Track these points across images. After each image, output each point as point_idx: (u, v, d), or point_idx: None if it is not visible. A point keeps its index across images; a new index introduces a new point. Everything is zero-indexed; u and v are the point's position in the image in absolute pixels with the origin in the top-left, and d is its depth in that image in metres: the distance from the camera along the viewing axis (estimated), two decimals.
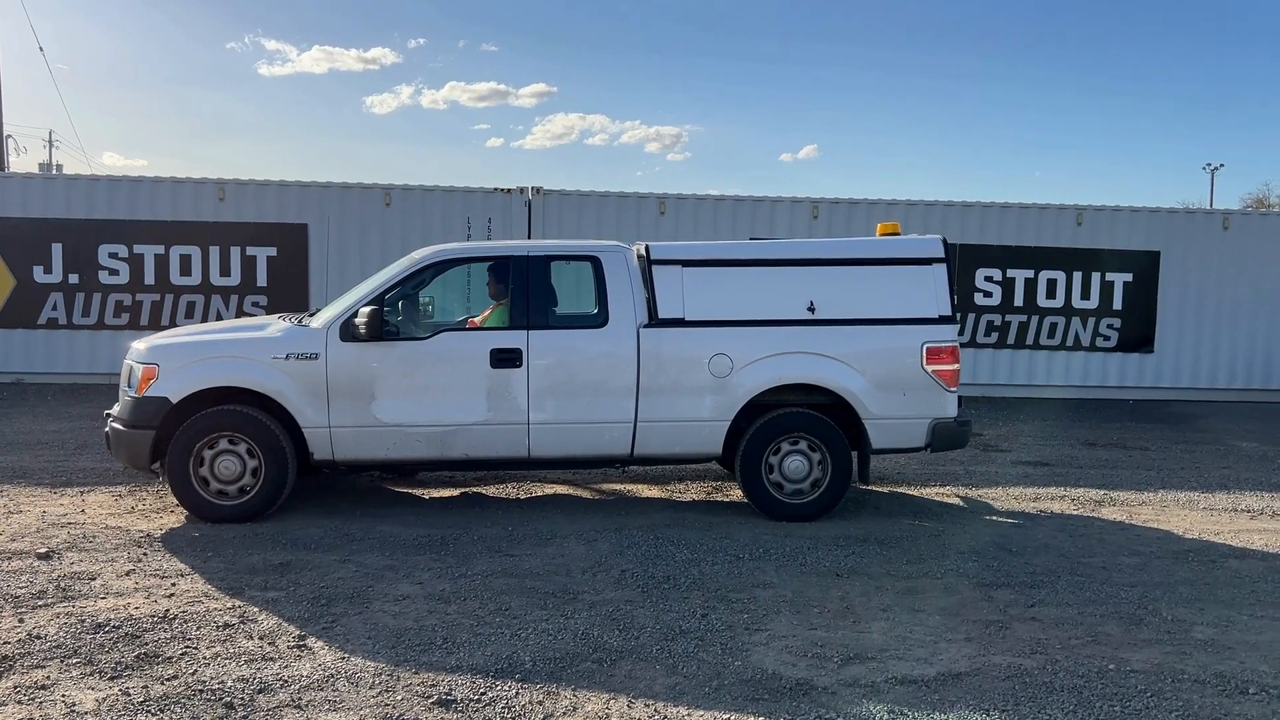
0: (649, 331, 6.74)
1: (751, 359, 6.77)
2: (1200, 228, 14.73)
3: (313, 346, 6.54)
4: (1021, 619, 4.99)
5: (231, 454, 6.49)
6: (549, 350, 6.68)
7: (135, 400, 6.50)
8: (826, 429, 6.84)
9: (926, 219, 14.36)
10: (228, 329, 7.19)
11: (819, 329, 6.82)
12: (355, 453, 6.63)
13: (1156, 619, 5.02)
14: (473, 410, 6.63)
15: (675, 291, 6.81)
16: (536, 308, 6.75)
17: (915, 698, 4.03)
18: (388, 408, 6.57)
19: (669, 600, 5.14)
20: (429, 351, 6.67)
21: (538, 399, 6.65)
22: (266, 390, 6.47)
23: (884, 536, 6.46)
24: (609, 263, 6.86)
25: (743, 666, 4.31)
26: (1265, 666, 4.42)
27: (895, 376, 6.84)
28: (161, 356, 6.56)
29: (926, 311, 6.90)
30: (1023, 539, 6.49)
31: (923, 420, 6.90)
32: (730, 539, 6.32)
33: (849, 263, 7.02)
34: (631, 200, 14.11)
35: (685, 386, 6.76)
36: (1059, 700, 4.02)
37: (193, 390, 6.45)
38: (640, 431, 6.76)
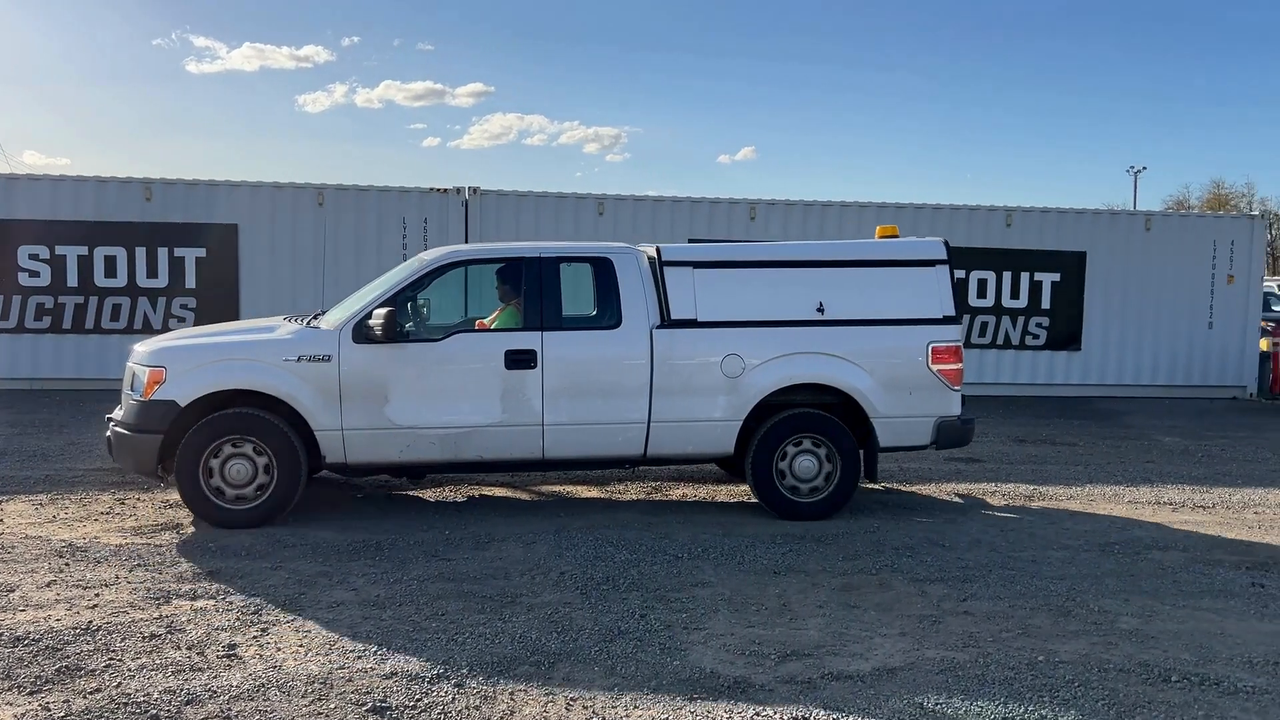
0: (662, 332, 6.77)
1: (763, 359, 6.83)
2: (1124, 229, 15.15)
3: (325, 348, 6.45)
4: (954, 613, 5.07)
5: (242, 458, 6.36)
6: (563, 351, 6.67)
7: (141, 404, 6.35)
8: (836, 428, 6.91)
9: (860, 220, 14.55)
10: (234, 331, 7.07)
11: (828, 329, 6.91)
12: (368, 455, 6.56)
13: (1084, 610, 5.14)
14: (487, 412, 6.59)
15: (687, 293, 6.85)
16: (550, 309, 6.73)
17: (851, 693, 4.07)
18: (401, 409, 6.51)
19: (608, 601, 5.13)
20: (443, 353, 6.62)
21: (552, 400, 6.63)
22: (278, 393, 6.36)
23: (821, 534, 6.52)
24: (621, 264, 6.87)
25: (681, 666, 4.32)
26: (1187, 655, 4.55)
27: (902, 376, 6.94)
28: (169, 359, 6.42)
29: (931, 312, 7.03)
30: (955, 534, 6.60)
31: (928, 419, 7.00)
32: (669, 539, 6.32)
33: (856, 264, 7.13)
34: (570, 201, 14.08)
35: (698, 387, 6.80)
36: (990, 692, 4.09)
37: (202, 393, 6.32)
38: (654, 432, 6.78)
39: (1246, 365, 15.05)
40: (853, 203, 14.70)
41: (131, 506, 6.98)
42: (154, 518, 6.68)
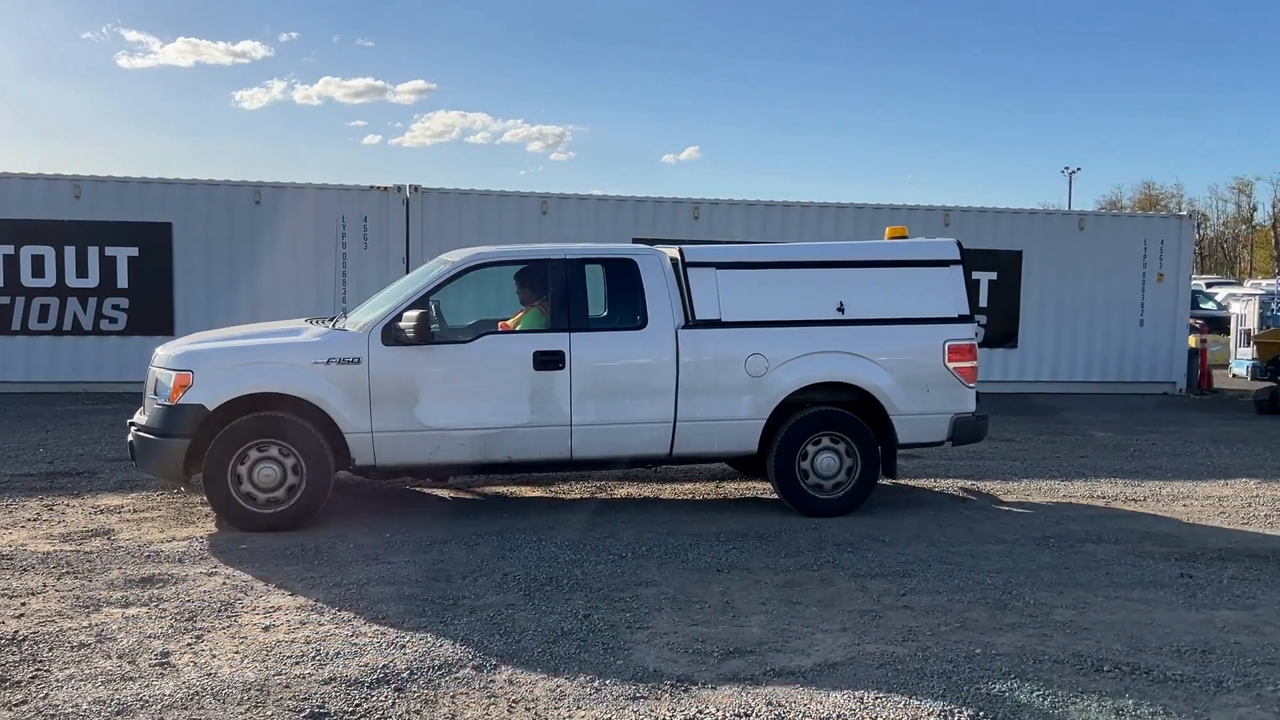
0: (687, 333, 6.83)
1: (786, 358, 6.90)
2: (1058, 228, 15.49)
3: (354, 351, 6.42)
4: (894, 607, 5.13)
5: (271, 461, 6.31)
6: (591, 352, 6.70)
7: (168, 408, 6.27)
8: (856, 426, 7.00)
9: (802, 219, 14.70)
10: (259, 334, 6.99)
11: (849, 328, 7.01)
12: (398, 457, 6.54)
13: (1020, 603, 5.23)
14: (516, 413, 6.60)
15: (711, 293, 6.90)
16: (577, 310, 6.77)
17: (793, 689, 4.09)
18: (430, 411, 6.50)
19: (551, 602, 5.10)
20: (472, 354, 6.63)
21: (580, 400, 6.66)
22: (308, 396, 6.32)
23: (764, 531, 6.56)
24: (645, 266, 6.92)
25: (624, 666, 4.31)
26: (1119, 645, 4.65)
27: (919, 374, 7.06)
28: (196, 363, 6.35)
29: (947, 311, 7.17)
30: (895, 529, 6.68)
31: (944, 415, 7.14)
32: (614, 538, 6.31)
33: (874, 265, 7.26)
34: (513, 199, 14.01)
35: (723, 386, 6.85)
36: (929, 685, 4.14)
37: (231, 397, 6.26)
38: (679, 431, 6.83)
39: (1176, 362, 15.47)
40: (795, 203, 14.83)
41: (60, 513, 6.79)
42: (84, 524, 6.51)
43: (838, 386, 7.00)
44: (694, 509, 7.21)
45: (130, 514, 6.79)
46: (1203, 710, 3.96)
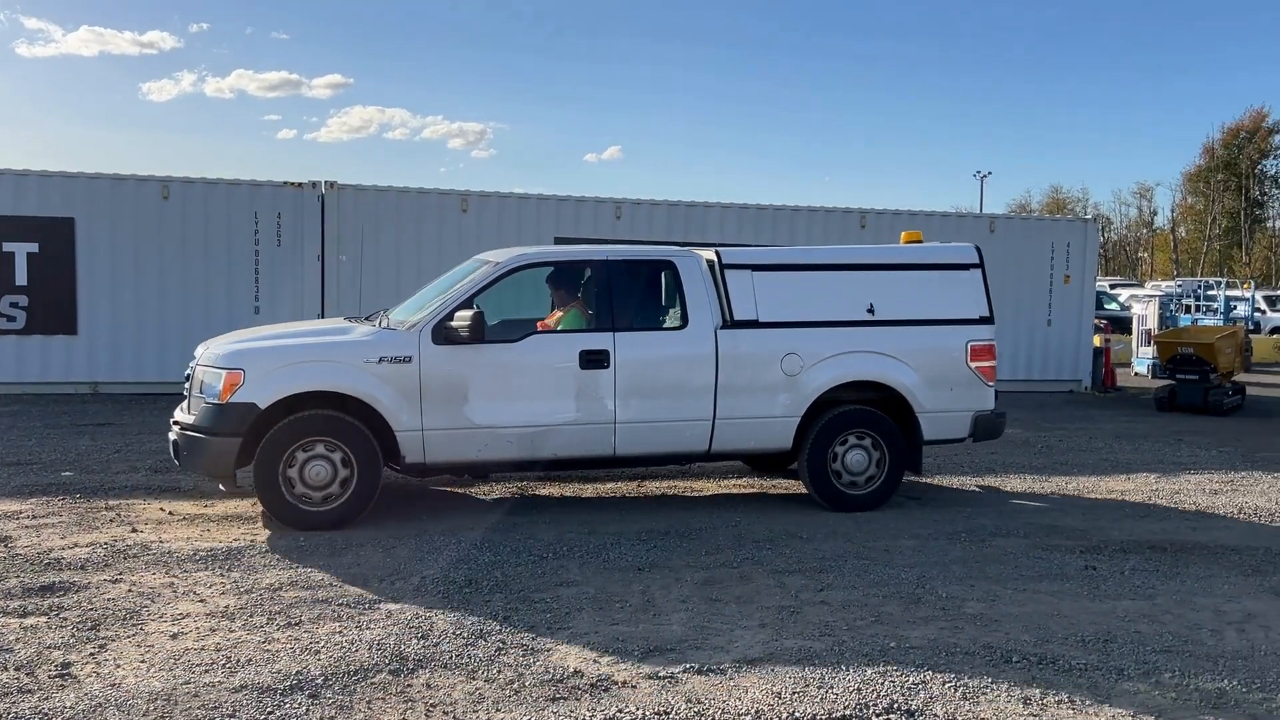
0: (726, 333, 7.00)
1: (820, 358, 7.11)
2: (970, 230, 15.85)
3: (405, 349, 6.48)
4: (812, 603, 5.21)
5: (322, 459, 6.34)
6: (634, 351, 6.83)
7: (219, 407, 6.27)
8: (885, 423, 7.24)
9: (723, 220, 14.81)
10: (307, 333, 7.02)
11: (878, 329, 7.25)
12: (447, 455, 6.62)
13: (933, 597, 5.35)
14: (562, 411, 6.72)
15: (747, 294, 7.08)
16: (620, 310, 6.91)
17: (712, 686, 4.12)
18: (479, 409, 6.59)
19: (470, 604, 5.06)
20: (520, 353, 6.72)
21: (624, 399, 6.78)
22: (359, 394, 6.37)
23: (684, 529, 6.60)
24: (684, 267, 7.09)
25: (544, 667, 4.29)
26: (1027, 636, 4.79)
27: (943, 373, 7.32)
28: (247, 362, 6.34)
29: (968, 313, 7.46)
30: (814, 526, 6.77)
31: (966, 413, 7.42)
32: (534, 539, 6.28)
33: (900, 267, 7.52)
34: (432, 197, 13.84)
35: (760, 385, 7.03)
36: (844, 679, 4.21)
37: (283, 395, 6.28)
38: (718, 429, 6.99)
39: (1082, 361, 16.00)
40: (715, 203, 14.94)
41: None
42: None
43: (865, 385, 7.24)
44: (616, 508, 7.21)
45: (29, 520, 6.52)
46: (1105, 698, 4.10)
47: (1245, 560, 6.18)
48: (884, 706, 3.95)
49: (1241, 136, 62.34)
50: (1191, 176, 65.52)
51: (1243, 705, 4.06)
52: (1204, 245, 62.91)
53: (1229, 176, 62.23)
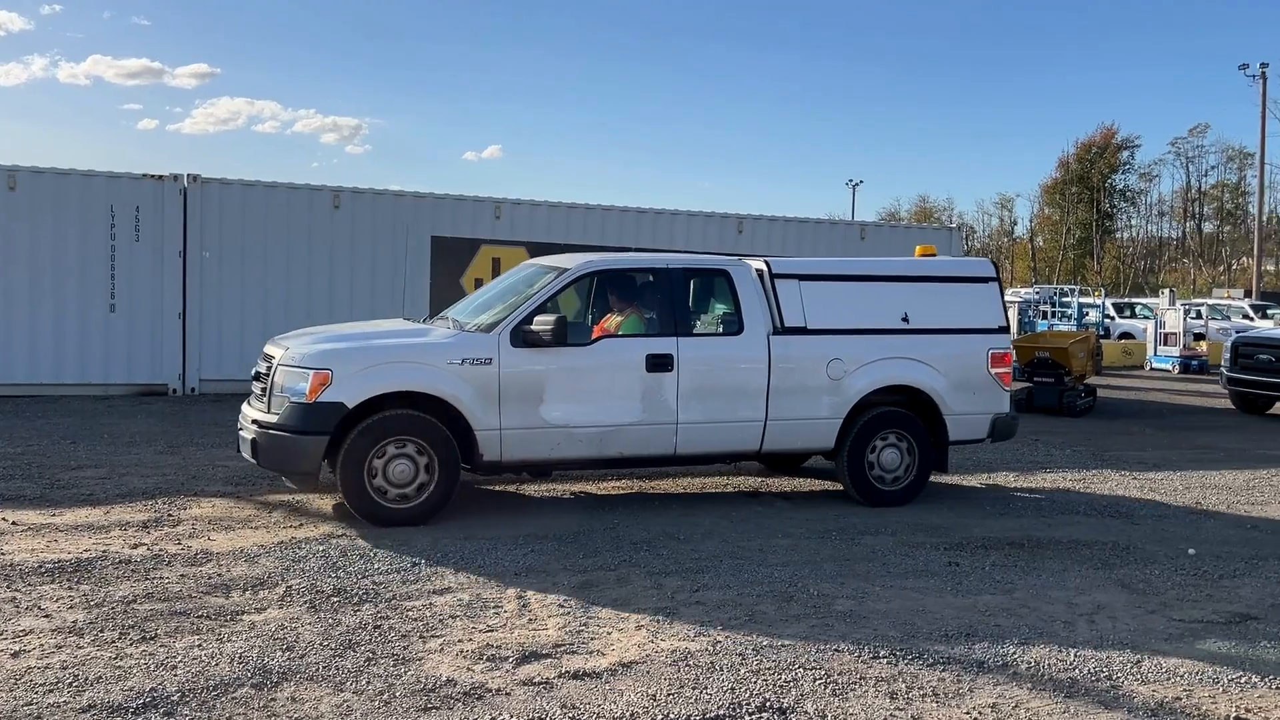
0: (777, 339, 7.39)
1: (861, 363, 7.55)
2: (842, 237, 16.33)
3: (486, 351, 6.69)
4: (688, 604, 5.24)
5: (405, 458, 6.50)
6: (696, 355, 7.17)
7: (307, 406, 6.37)
8: (916, 424, 7.72)
9: (604, 222, 14.83)
10: (384, 334, 7.15)
11: (911, 337, 7.72)
12: (522, 453, 6.85)
13: (805, 595, 5.45)
14: (629, 411, 7.01)
15: (796, 302, 7.48)
16: (682, 316, 7.26)
17: (588, 691, 4.10)
18: (553, 409, 6.83)
19: (339, 614, 4.90)
20: (591, 356, 7.01)
21: (685, 400, 7.10)
22: (443, 394, 6.55)
23: (563, 533, 6.55)
24: (738, 276, 7.46)
25: (415, 676, 4.19)
26: (894, 632, 4.92)
27: (967, 378, 7.83)
28: (335, 362, 6.47)
29: (988, 322, 8.00)
30: (690, 527, 6.82)
31: (986, 415, 7.94)
32: (407, 545, 6.14)
33: (930, 279, 8.05)
34: (303, 193, 13.43)
35: (807, 388, 7.43)
36: (719, 680, 4.24)
37: (371, 395, 6.44)
38: (769, 429, 7.38)
39: None
40: (596, 206, 14.96)
41: None
42: None
43: (896, 388, 7.69)
44: (493, 512, 7.12)
45: None
46: (966, 690, 4.25)
47: (1095, 554, 6.51)
48: (757, 705, 4.00)
49: (1094, 151, 66.07)
50: (1048, 189, 69.11)
51: (1092, 694, 4.27)
52: (1059, 254, 66.36)
53: (1082, 189, 65.88)
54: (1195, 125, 67.65)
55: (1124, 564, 6.31)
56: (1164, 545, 6.79)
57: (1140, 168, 67.84)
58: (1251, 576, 6.10)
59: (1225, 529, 7.37)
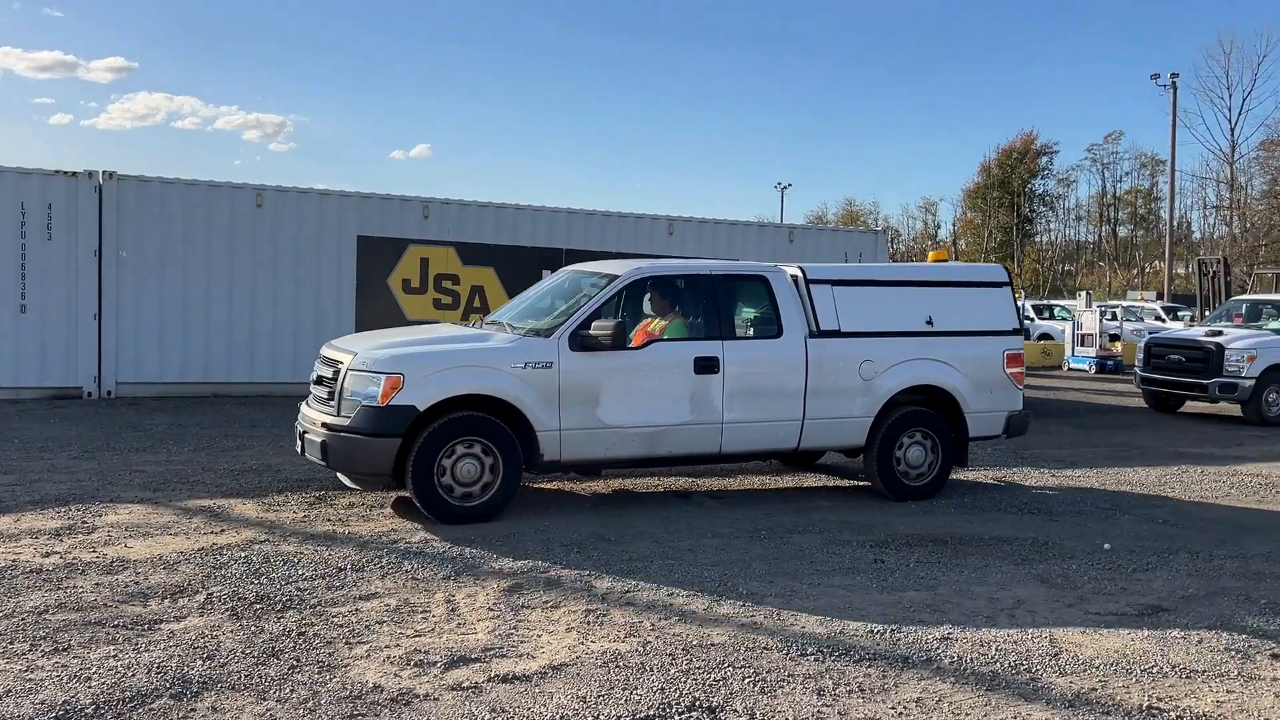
0: (814, 341, 7.74)
1: (890, 364, 7.94)
2: (770, 239, 16.49)
3: (547, 355, 6.96)
4: (619, 605, 5.24)
5: (472, 458, 6.75)
6: (739, 358, 7.49)
7: (379, 409, 6.58)
8: (939, 422, 8.13)
9: (535, 222, 14.78)
10: (445, 339, 7.34)
11: (936, 339, 8.14)
12: (579, 453, 7.12)
13: (735, 594, 5.49)
14: (678, 412, 7.31)
15: (829, 307, 7.85)
16: (725, 321, 7.55)
17: (517, 694, 4.07)
18: (608, 411, 7.11)
19: (262, 621, 4.80)
20: (643, 359, 7.28)
21: (729, 401, 7.42)
22: (508, 396, 6.81)
23: (492, 535, 6.51)
24: (776, 281, 7.80)
25: (341, 683, 4.12)
26: (821, 629, 4.99)
27: (985, 377, 8.27)
28: (406, 366, 6.68)
29: (1004, 325, 8.46)
30: (621, 528, 6.83)
31: (1002, 413, 8.38)
32: (333, 551, 6.04)
33: (951, 285, 8.53)
34: (224, 191, 13.13)
35: (841, 388, 7.80)
36: (649, 680, 4.25)
37: (442, 398, 6.67)
38: (806, 428, 7.73)
39: None
40: (526, 206, 14.90)
41: None
42: None
43: (920, 388, 8.07)
44: (421, 518, 7.03)
45: None
46: (891, 686, 4.32)
47: (1016, 550, 6.67)
48: (686, 705, 4.02)
49: (1014, 157, 67.76)
50: (971, 193, 70.68)
51: (1013, 686, 4.37)
52: (981, 257, 67.84)
53: (1003, 194, 67.51)
54: (1110, 133, 69.66)
55: (1043, 559, 6.48)
56: (1081, 541, 6.99)
57: (1059, 173, 69.83)
58: (1163, 570, 6.31)
59: (1139, 524, 7.61)
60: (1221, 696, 4.32)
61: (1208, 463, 10.69)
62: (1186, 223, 62.08)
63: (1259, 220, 53.41)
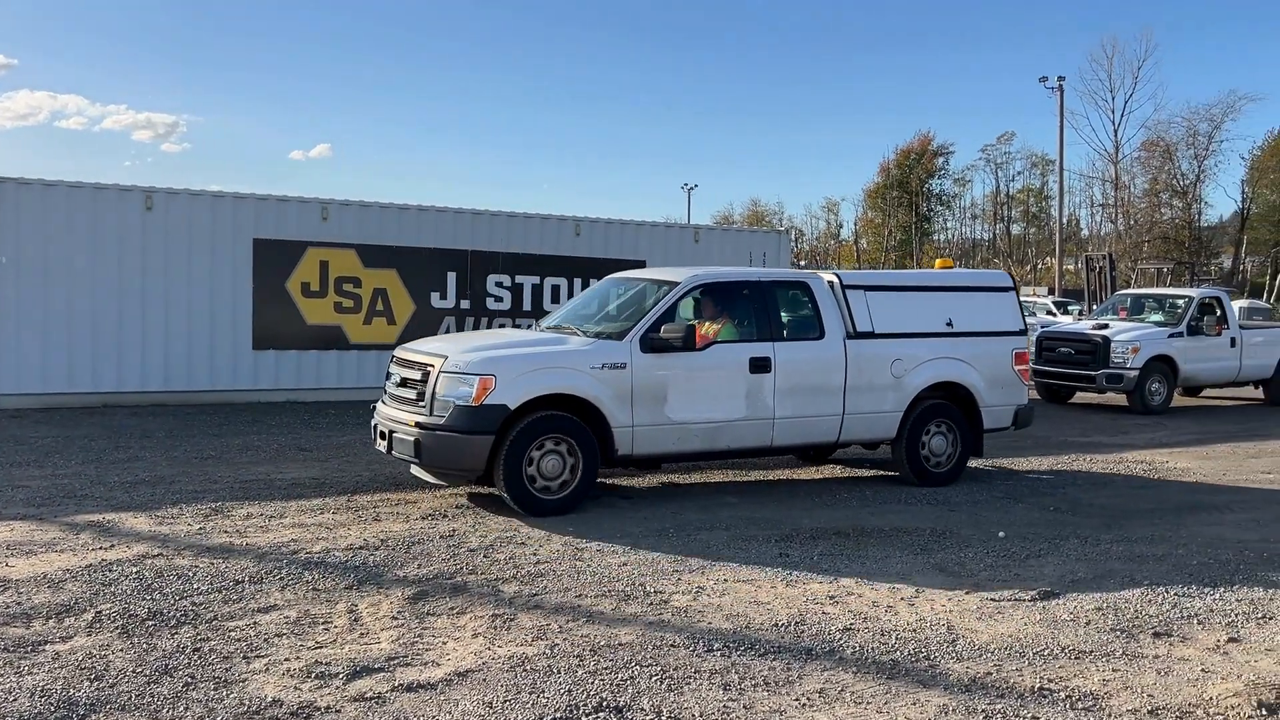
0: (851, 342, 8.39)
1: (918, 362, 8.65)
2: (677, 239, 16.60)
3: (621, 357, 7.47)
4: (526, 608, 5.21)
5: (554, 454, 7.22)
6: (788, 358, 8.08)
7: (474, 409, 7.01)
8: (958, 415, 8.87)
9: (439, 224, 14.58)
10: (529, 342, 7.80)
11: (955, 339, 8.88)
12: (650, 448, 7.63)
13: (642, 593, 5.51)
14: (736, 408, 7.87)
15: (863, 310, 8.51)
16: (775, 323, 8.17)
17: (422, 703, 4.02)
18: (675, 408, 7.62)
19: (154, 639, 4.63)
20: (705, 360, 7.78)
21: (780, 398, 8.01)
22: (588, 396, 7.29)
23: (397, 542, 6.40)
24: (816, 287, 8.46)
25: (239, 699, 4.00)
26: (727, 625, 5.04)
27: (997, 374, 9.03)
28: (497, 368, 7.12)
29: (1011, 326, 9.25)
30: (529, 532, 6.79)
31: (1011, 406, 9.15)
32: (230, 563, 5.86)
33: (966, 289, 9.32)
34: (111, 193, 12.63)
35: (876, 385, 8.45)
36: (556, 682, 4.24)
37: (531, 397, 7.13)
38: (846, 422, 8.39)
39: None
40: (430, 207, 14.70)
41: None
42: None
43: (942, 384, 8.77)
44: (323, 523, 6.88)
45: None
46: (796, 678, 4.39)
47: (915, 540, 6.84)
48: (594, 706, 4.01)
49: (912, 158, 69.56)
50: (871, 193, 72.35)
51: (912, 674, 4.49)
52: (882, 255, 69.49)
53: (902, 193, 69.25)
54: (1003, 133, 72.23)
55: (942, 548, 6.66)
56: (978, 529, 7.21)
57: (955, 173, 71.85)
58: (1054, 555, 6.55)
59: (1032, 512, 7.89)
60: (1108, 675, 4.51)
61: (1096, 451, 11.14)
62: (1075, 220, 64.59)
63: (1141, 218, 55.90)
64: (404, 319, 14.26)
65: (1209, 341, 15.61)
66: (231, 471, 8.68)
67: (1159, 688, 4.38)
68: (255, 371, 13.35)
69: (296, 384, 13.56)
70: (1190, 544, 6.91)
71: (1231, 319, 16.18)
